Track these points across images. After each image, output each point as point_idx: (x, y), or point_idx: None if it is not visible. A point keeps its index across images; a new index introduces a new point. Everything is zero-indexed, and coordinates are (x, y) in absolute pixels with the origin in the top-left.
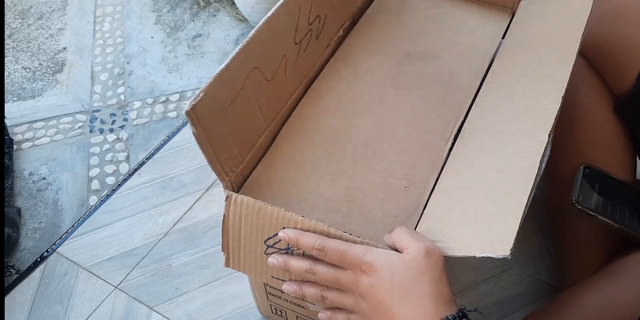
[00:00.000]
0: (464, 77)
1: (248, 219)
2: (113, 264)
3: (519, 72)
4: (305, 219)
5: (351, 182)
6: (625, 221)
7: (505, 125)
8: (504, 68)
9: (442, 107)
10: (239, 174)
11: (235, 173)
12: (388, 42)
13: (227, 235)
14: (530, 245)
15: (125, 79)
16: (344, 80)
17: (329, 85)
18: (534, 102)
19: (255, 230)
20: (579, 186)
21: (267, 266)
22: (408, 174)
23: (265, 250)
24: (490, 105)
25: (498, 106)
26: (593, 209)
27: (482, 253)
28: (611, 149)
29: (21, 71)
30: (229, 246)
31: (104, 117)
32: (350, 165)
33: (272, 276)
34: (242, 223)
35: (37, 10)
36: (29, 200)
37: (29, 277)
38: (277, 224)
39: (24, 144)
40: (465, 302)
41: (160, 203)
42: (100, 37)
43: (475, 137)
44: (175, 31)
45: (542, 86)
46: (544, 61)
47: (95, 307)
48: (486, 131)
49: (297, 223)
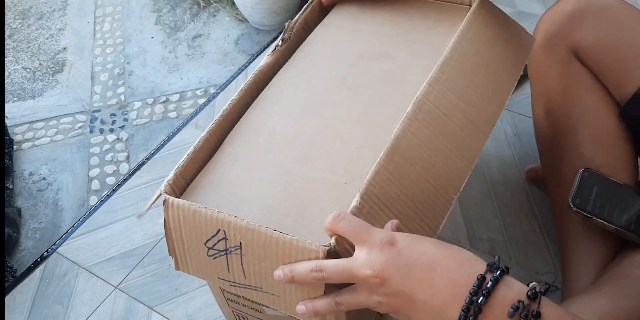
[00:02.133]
0: (415, 74)
1: (186, 222)
2: (113, 264)
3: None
4: (238, 219)
5: (291, 181)
6: (622, 223)
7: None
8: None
9: (390, 104)
10: (179, 176)
11: (175, 176)
12: (341, 45)
13: (171, 239)
14: (530, 245)
15: (126, 79)
16: (294, 84)
17: (278, 90)
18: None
19: (195, 233)
20: (576, 188)
21: (212, 268)
22: (348, 171)
23: (206, 252)
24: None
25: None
26: (589, 211)
27: None
28: (611, 152)
29: (21, 71)
30: (175, 250)
31: (104, 117)
32: (292, 164)
33: (218, 277)
34: (182, 226)
35: (37, 10)
36: (29, 201)
37: (29, 277)
38: (212, 226)
39: (24, 144)
40: None
41: (161, 203)
42: (100, 37)
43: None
44: (175, 31)
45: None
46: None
47: (95, 307)
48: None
49: (230, 224)
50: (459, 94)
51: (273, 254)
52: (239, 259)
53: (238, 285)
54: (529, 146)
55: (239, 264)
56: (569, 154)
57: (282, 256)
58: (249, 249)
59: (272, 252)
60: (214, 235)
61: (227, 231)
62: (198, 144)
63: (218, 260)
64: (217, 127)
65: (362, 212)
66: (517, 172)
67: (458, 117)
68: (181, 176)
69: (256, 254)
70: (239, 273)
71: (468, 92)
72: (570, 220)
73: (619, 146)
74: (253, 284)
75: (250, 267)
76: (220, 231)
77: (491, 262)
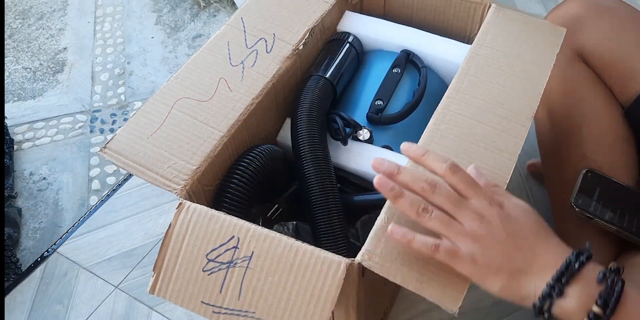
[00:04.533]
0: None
1: (196, 228)
2: (113, 263)
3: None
4: (257, 226)
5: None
6: (624, 224)
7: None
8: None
9: None
10: (195, 182)
11: (192, 180)
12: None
13: (165, 249)
14: None
15: (126, 79)
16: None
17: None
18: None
19: (201, 241)
20: (578, 189)
21: (199, 288)
22: None
23: (204, 266)
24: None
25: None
26: (591, 212)
27: None
28: (614, 153)
29: (22, 71)
30: (163, 264)
31: (104, 117)
32: None
33: (201, 301)
34: (187, 233)
35: (37, 10)
36: (29, 200)
37: (30, 276)
38: (227, 232)
39: (24, 144)
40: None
41: (161, 203)
42: (100, 37)
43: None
44: (175, 31)
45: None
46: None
47: (95, 307)
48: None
49: (249, 230)
50: (482, 96)
51: (288, 266)
52: (241, 273)
53: (223, 312)
54: (529, 145)
55: (239, 280)
56: (572, 154)
57: (297, 267)
58: (260, 260)
59: (288, 263)
60: (224, 244)
61: (242, 239)
62: (216, 148)
63: (213, 276)
64: (237, 131)
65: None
66: (516, 172)
67: (488, 117)
68: (198, 181)
69: (266, 267)
70: (232, 293)
71: (493, 93)
72: (569, 220)
73: (621, 147)
74: (245, 308)
75: (251, 284)
76: (234, 239)
77: (582, 247)
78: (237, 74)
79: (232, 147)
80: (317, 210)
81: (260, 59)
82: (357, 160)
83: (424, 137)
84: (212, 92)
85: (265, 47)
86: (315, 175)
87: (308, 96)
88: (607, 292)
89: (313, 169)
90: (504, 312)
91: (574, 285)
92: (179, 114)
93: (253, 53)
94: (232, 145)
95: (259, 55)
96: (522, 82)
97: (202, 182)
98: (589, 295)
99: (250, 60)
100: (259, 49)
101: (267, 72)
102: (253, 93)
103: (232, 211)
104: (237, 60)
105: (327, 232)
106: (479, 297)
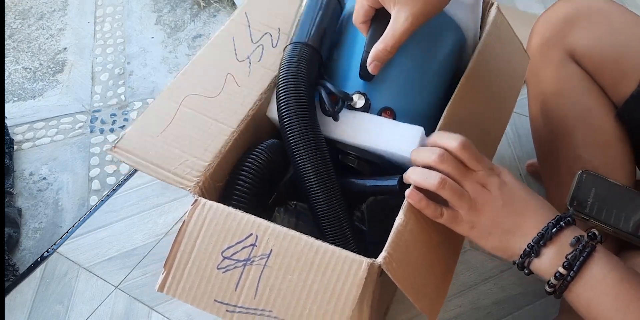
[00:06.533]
0: None
1: (212, 225)
2: (113, 264)
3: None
4: (277, 224)
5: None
6: (620, 224)
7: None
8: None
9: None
10: (208, 178)
11: (204, 177)
12: None
13: (178, 246)
14: None
15: (126, 79)
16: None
17: None
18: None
19: (215, 239)
20: (573, 191)
21: (212, 286)
22: None
23: (218, 263)
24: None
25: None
26: (587, 213)
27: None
28: (609, 153)
29: (22, 71)
30: (174, 261)
31: (104, 117)
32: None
33: (214, 300)
34: (202, 230)
35: (37, 10)
36: (29, 200)
37: (30, 277)
38: (245, 230)
39: (24, 144)
40: (465, 302)
41: (161, 203)
42: (100, 37)
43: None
44: (175, 31)
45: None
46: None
47: (95, 307)
48: None
49: (268, 228)
50: (472, 110)
51: (308, 264)
52: (258, 271)
53: (237, 310)
54: (528, 146)
55: (256, 278)
56: (566, 155)
57: (318, 266)
58: (278, 258)
59: (308, 262)
60: (241, 241)
61: (261, 236)
62: (227, 144)
63: (228, 274)
64: (245, 128)
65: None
66: (516, 172)
67: (472, 131)
68: (210, 178)
69: (284, 265)
70: (248, 291)
71: (478, 109)
72: None
73: (616, 147)
74: (261, 307)
75: (269, 282)
76: (252, 236)
77: (564, 213)
78: (244, 69)
79: (242, 142)
80: (319, 211)
81: (267, 53)
82: (353, 133)
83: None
84: (219, 88)
85: (270, 41)
86: (313, 171)
87: (292, 69)
88: (574, 255)
89: (310, 165)
90: (504, 312)
91: (550, 247)
92: (188, 111)
93: (259, 48)
94: (242, 141)
95: (265, 50)
96: (499, 99)
97: (213, 179)
98: (559, 257)
99: (256, 55)
100: (265, 44)
101: (274, 66)
102: (261, 88)
103: (241, 207)
104: (243, 55)
105: (334, 232)
106: (479, 297)
